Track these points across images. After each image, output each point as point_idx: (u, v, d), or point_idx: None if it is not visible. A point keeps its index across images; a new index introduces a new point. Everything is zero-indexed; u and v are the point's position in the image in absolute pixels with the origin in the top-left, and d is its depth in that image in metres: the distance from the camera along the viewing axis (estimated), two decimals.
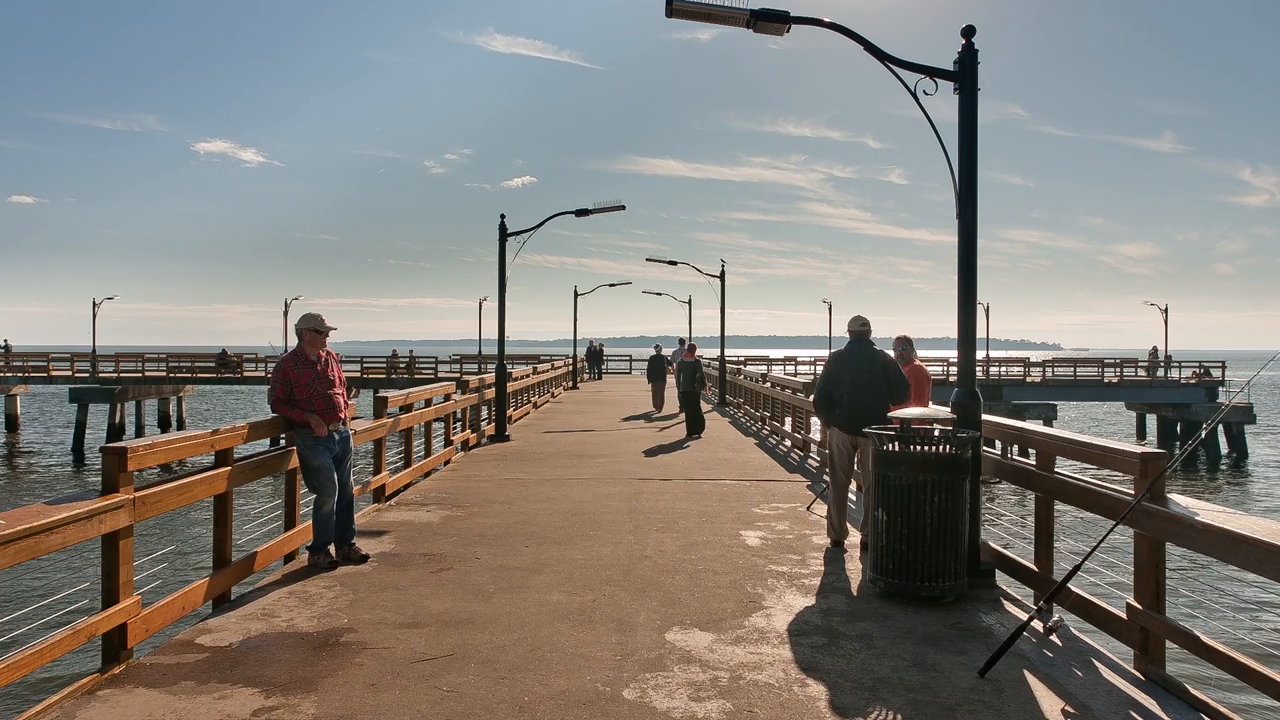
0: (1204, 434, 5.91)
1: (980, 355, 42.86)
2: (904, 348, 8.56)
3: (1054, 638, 5.16)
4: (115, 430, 41.21)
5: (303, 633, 5.22)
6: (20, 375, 45.94)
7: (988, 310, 48.82)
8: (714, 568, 6.77)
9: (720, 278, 28.42)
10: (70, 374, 44.92)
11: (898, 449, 5.87)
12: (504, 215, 16.96)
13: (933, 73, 6.45)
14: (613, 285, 45.61)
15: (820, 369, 7.94)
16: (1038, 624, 5.20)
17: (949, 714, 4.14)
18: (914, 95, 6.47)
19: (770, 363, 52.60)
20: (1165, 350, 47.66)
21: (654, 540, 7.69)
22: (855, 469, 7.69)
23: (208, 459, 5.96)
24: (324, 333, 6.87)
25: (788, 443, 15.31)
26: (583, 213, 18.10)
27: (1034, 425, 6.50)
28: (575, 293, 41.20)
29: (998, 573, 6.38)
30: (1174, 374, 45.04)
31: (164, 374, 45.53)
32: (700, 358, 19.24)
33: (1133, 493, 4.78)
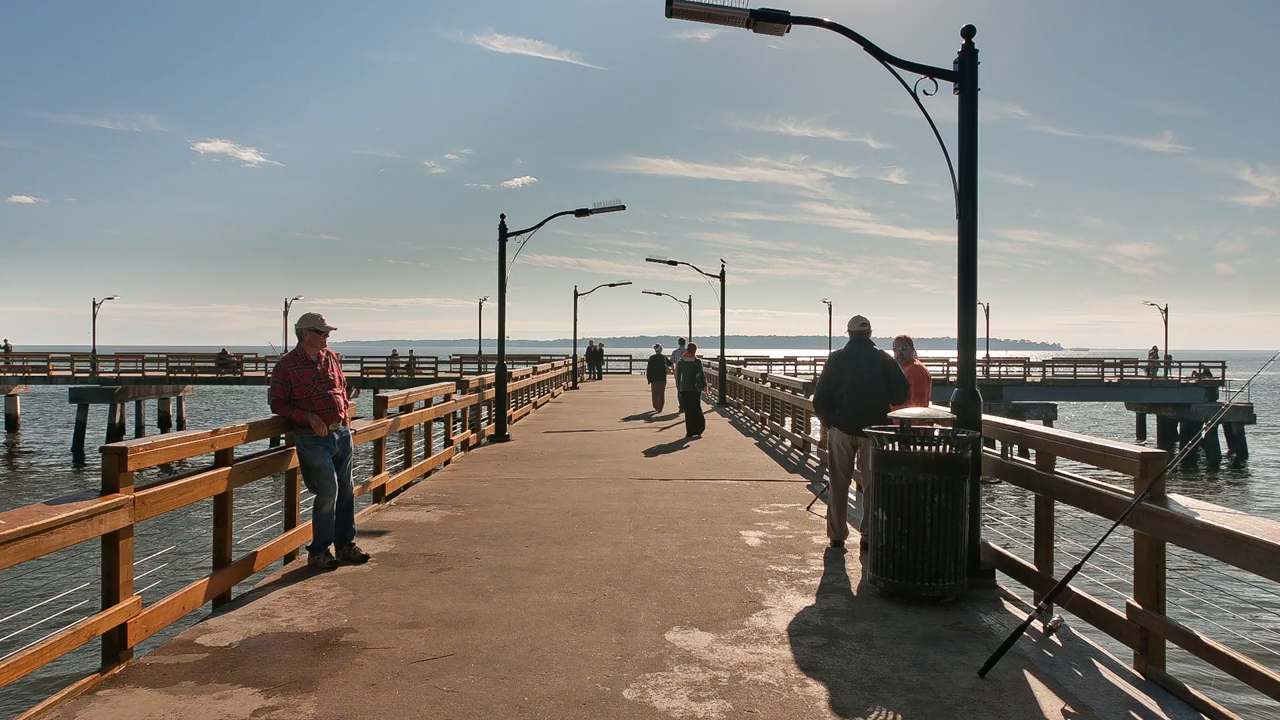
0: (1204, 434, 5.91)
1: (980, 355, 42.87)
2: (904, 348, 8.56)
3: (1054, 638, 5.16)
4: (115, 430, 41.23)
5: (303, 633, 5.22)
6: (20, 375, 45.95)
7: (988, 310, 48.85)
8: (714, 568, 6.77)
9: (720, 278, 28.42)
10: (70, 374, 44.93)
11: (898, 449, 5.87)
12: (504, 215, 16.98)
13: (933, 73, 6.45)
14: (613, 285, 45.65)
15: (820, 369, 7.94)
16: (1038, 624, 5.20)
17: (949, 714, 4.14)
18: (914, 95, 6.47)
19: (770, 363, 52.59)
20: (1165, 350, 47.65)
21: (654, 540, 7.69)
22: (855, 469, 7.70)
23: (208, 459, 5.96)
24: (324, 332, 6.87)
25: (788, 443, 15.31)
26: (583, 213, 18.10)
27: (1034, 425, 6.50)
28: (575, 293, 41.24)
29: (998, 573, 6.38)
30: (1174, 374, 45.04)
31: (164, 374, 45.54)
32: (700, 358, 19.30)
33: (1133, 493, 4.78)
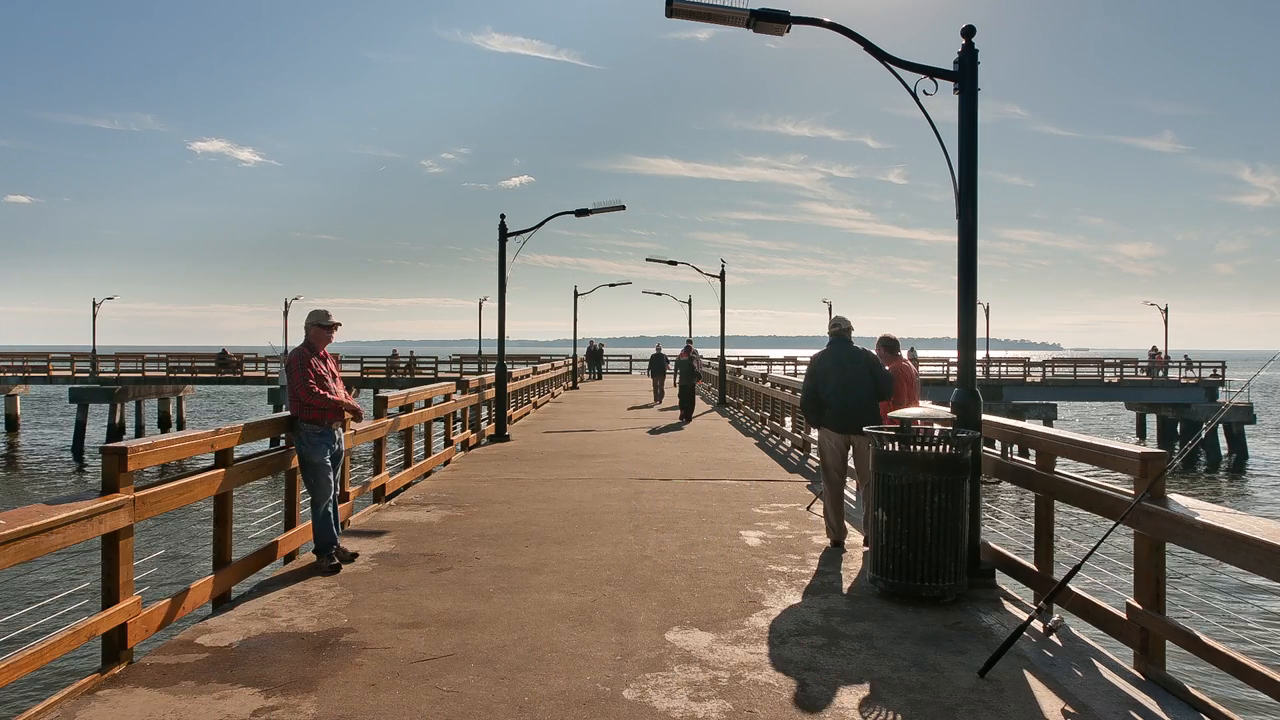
0: (1204, 434, 5.91)
1: (980, 355, 42.87)
2: (884, 347, 8.51)
3: (1054, 638, 5.16)
4: (115, 430, 41.24)
5: (303, 633, 5.22)
6: (20, 375, 45.95)
7: (988, 310, 48.84)
8: (714, 568, 6.77)
9: (720, 278, 28.42)
10: (70, 374, 44.93)
11: (898, 449, 5.87)
12: (504, 215, 16.99)
13: (933, 73, 6.45)
14: (613, 285, 45.66)
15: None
16: (1038, 624, 5.20)
17: (949, 714, 4.14)
18: (914, 95, 6.47)
19: (770, 363, 52.57)
20: (1165, 350, 47.64)
21: (654, 540, 7.69)
22: (850, 467, 7.72)
23: (208, 459, 5.96)
24: (329, 327, 6.88)
25: (788, 443, 15.31)
26: (583, 213, 18.10)
27: (1034, 425, 6.50)
28: (575, 293, 41.25)
29: (998, 573, 6.38)
30: (1173, 374, 45.02)
31: (164, 374, 45.55)
32: (698, 356, 20.06)
33: (1133, 493, 4.78)
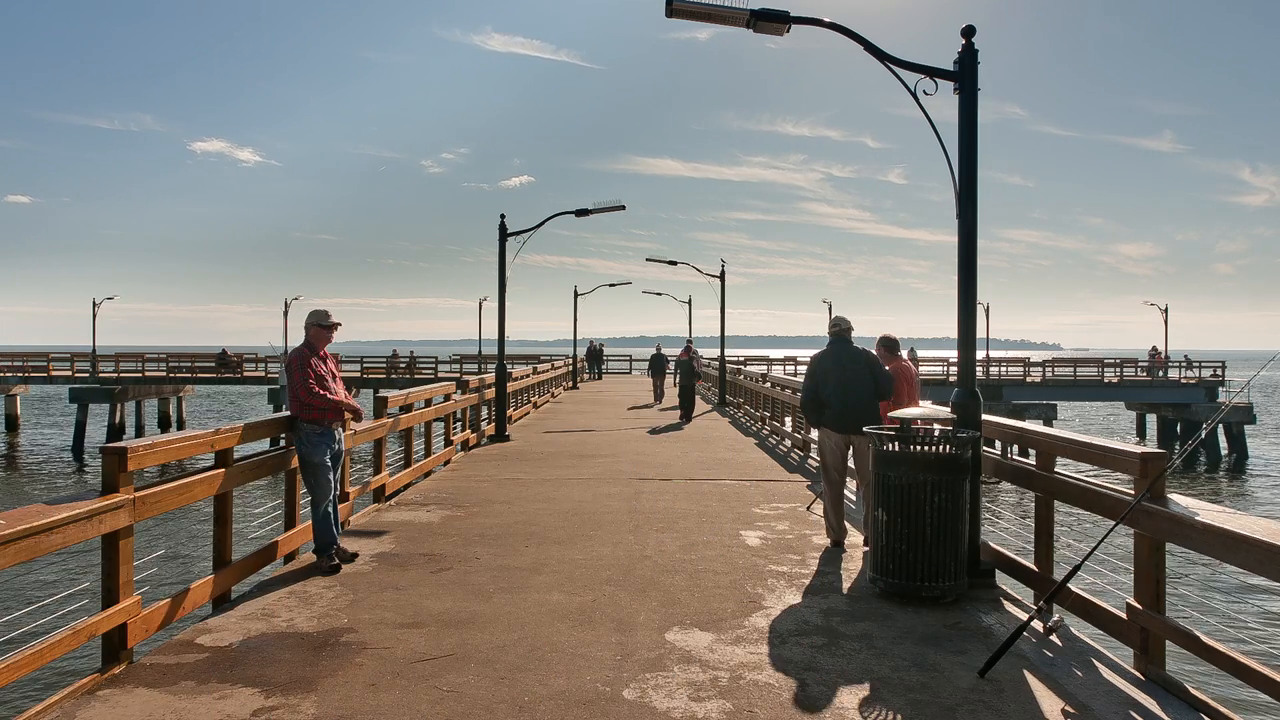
0: (1204, 434, 5.90)
1: (980, 355, 42.87)
2: (885, 346, 8.53)
3: (1054, 638, 5.16)
4: (115, 430, 41.23)
5: (303, 633, 5.22)
6: (20, 375, 45.95)
7: (988, 310, 48.84)
8: (714, 568, 6.77)
9: (720, 278, 28.42)
10: (70, 374, 44.93)
11: (898, 449, 5.87)
12: (504, 215, 16.98)
13: (933, 73, 6.44)
14: (613, 285, 45.66)
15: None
16: (1038, 624, 5.20)
17: (949, 714, 4.14)
18: (914, 95, 6.47)
19: (770, 363, 52.56)
20: (1165, 350, 47.64)
21: (654, 540, 7.69)
22: (850, 467, 7.72)
23: (208, 459, 5.96)
24: (328, 327, 6.88)
25: (788, 443, 15.31)
26: (583, 213, 18.10)
27: (1034, 425, 6.50)
28: (575, 293, 41.25)
29: (998, 573, 6.38)
30: (1173, 374, 45.02)
31: (164, 374, 45.55)
32: (698, 356, 20.46)
33: (1133, 493, 4.78)
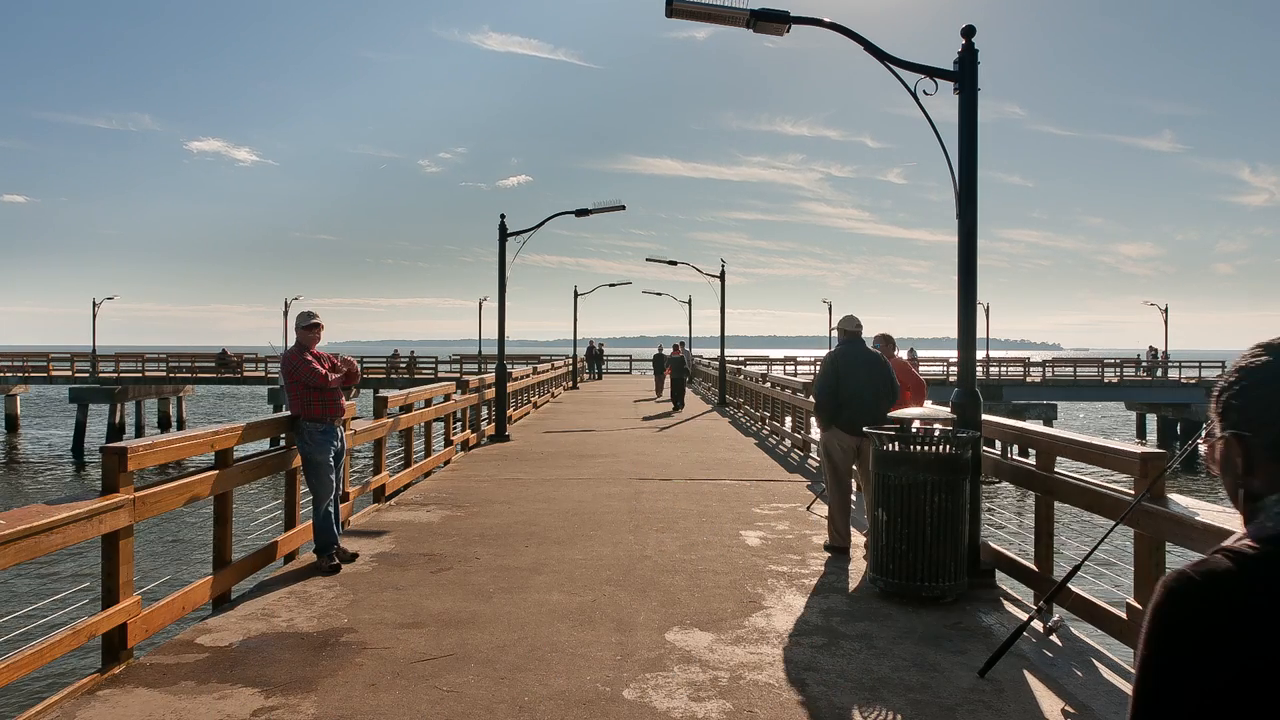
0: (1204, 434, 5.90)
1: (980, 355, 42.81)
2: (885, 342, 8.61)
3: (1054, 638, 5.16)
4: (115, 430, 41.20)
5: (303, 633, 5.22)
6: (20, 375, 45.93)
7: (988, 310, 48.83)
8: (714, 568, 6.77)
9: (720, 278, 28.43)
10: (70, 374, 44.91)
11: (898, 449, 5.87)
12: (504, 215, 16.98)
13: (933, 73, 6.44)
14: (613, 285, 45.67)
15: (818, 370, 7.94)
16: (1038, 624, 5.20)
17: (949, 714, 4.14)
18: (914, 95, 6.47)
19: (770, 363, 52.56)
20: (1165, 350, 47.64)
21: (654, 540, 7.69)
22: (854, 469, 7.69)
23: (208, 459, 5.96)
24: (309, 328, 6.96)
25: (788, 443, 15.31)
26: (583, 213, 18.10)
27: (1034, 425, 6.51)
28: (575, 293, 41.23)
29: (998, 573, 6.38)
30: (1173, 374, 45.03)
31: (164, 374, 45.53)
32: (687, 354, 22.08)
33: (1133, 493, 4.78)
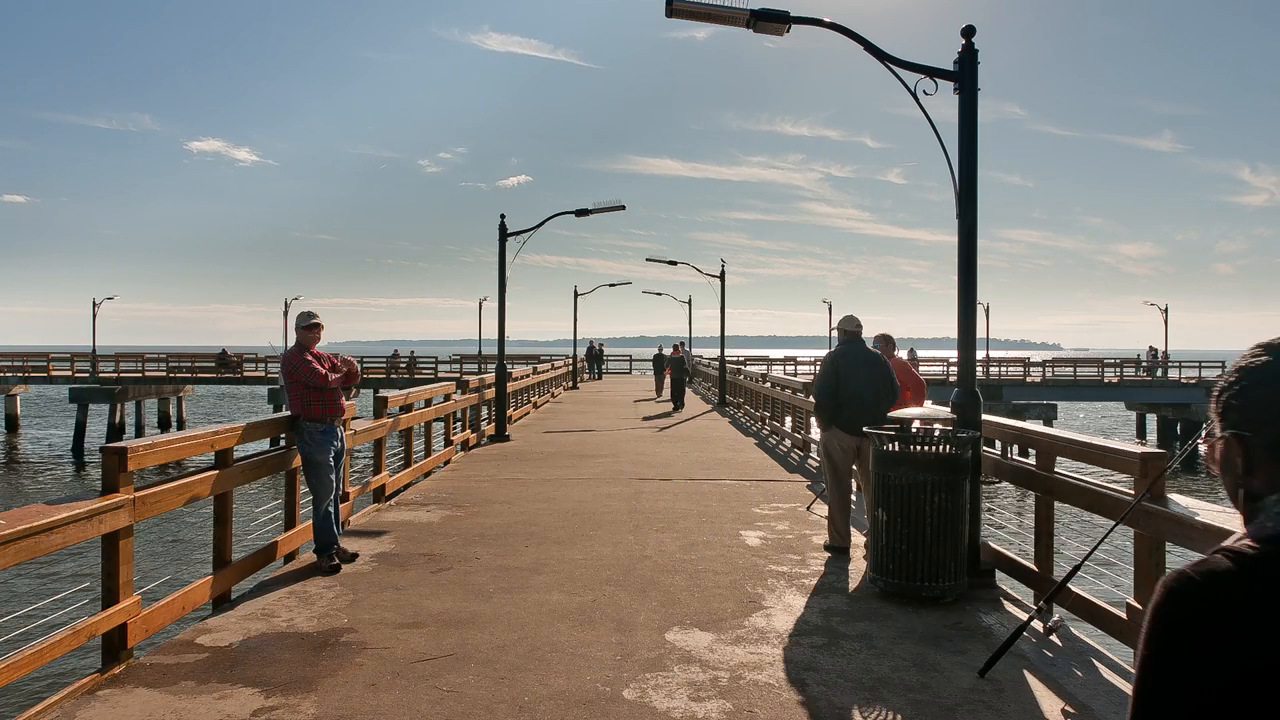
0: (1204, 434, 5.90)
1: (980, 355, 42.82)
2: (882, 345, 8.61)
3: (1054, 638, 5.16)
4: (115, 430, 41.19)
5: (303, 633, 5.22)
6: (20, 375, 45.93)
7: (988, 310, 48.82)
8: (714, 568, 6.77)
9: (720, 278, 28.42)
10: (70, 374, 44.91)
11: (898, 449, 5.86)
12: (504, 215, 16.98)
13: (933, 73, 6.44)
14: (613, 285, 45.67)
15: (818, 370, 7.95)
16: (1038, 624, 5.19)
17: (949, 714, 4.14)
18: (914, 95, 6.47)
19: (770, 363, 52.57)
20: (1165, 350, 47.64)
21: (654, 540, 7.69)
22: (854, 469, 7.68)
23: (208, 459, 5.96)
24: (309, 328, 6.97)
25: (788, 443, 15.31)
26: (583, 213, 18.10)
27: (1034, 425, 6.51)
28: (575, 293, 41.24)
29: (998, 573, 6.38)
30: (1173, 374, 45.03)
31: (164, 374, 45.53)
32: (687, 354, 22.54)
33: (1133, 493, 4.78)
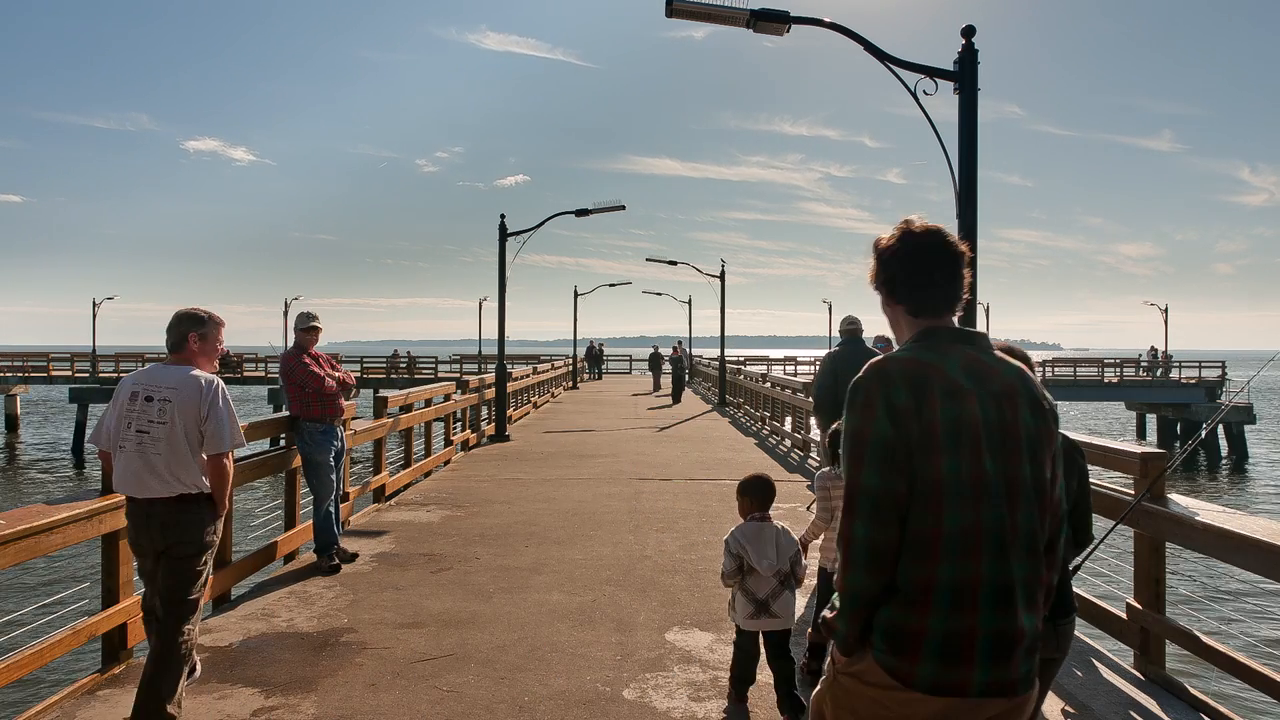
0: (1204, 434, 5.90)
1: None
2: (883, 345, 8.68)
3: None
4: None
5: (303, 633, 5.22)
6: (20, 375, 45.94)
7: (988, 310, 48.81)
8: (714, 568, 6.76)
9: (720, 278, 28.43)
10: (70, 374, 44.93)
11: None
12: (504, 215, 16.99)
13: (933, 73, 6.45)
14: (613, 285, 45.71)
15: (817, 370, 7.95)
16: None
17: None
18: (914, 95, 6.47)
19: (770, 363, 52.58)
20: (1165, 349, 47.64)
21: (654, 540, 7.69)
22: None
23: None
24: (308, 330, 6.97)
25: (788, 443, 15.31)
26: (583, 213, 18.10)
27: None
28: (575, 293, 41.25)
29: None
30: (1173, 374, 45.03)
31: None
32: (686, 354, 23.00)
33: (1133, 493, 4.77)
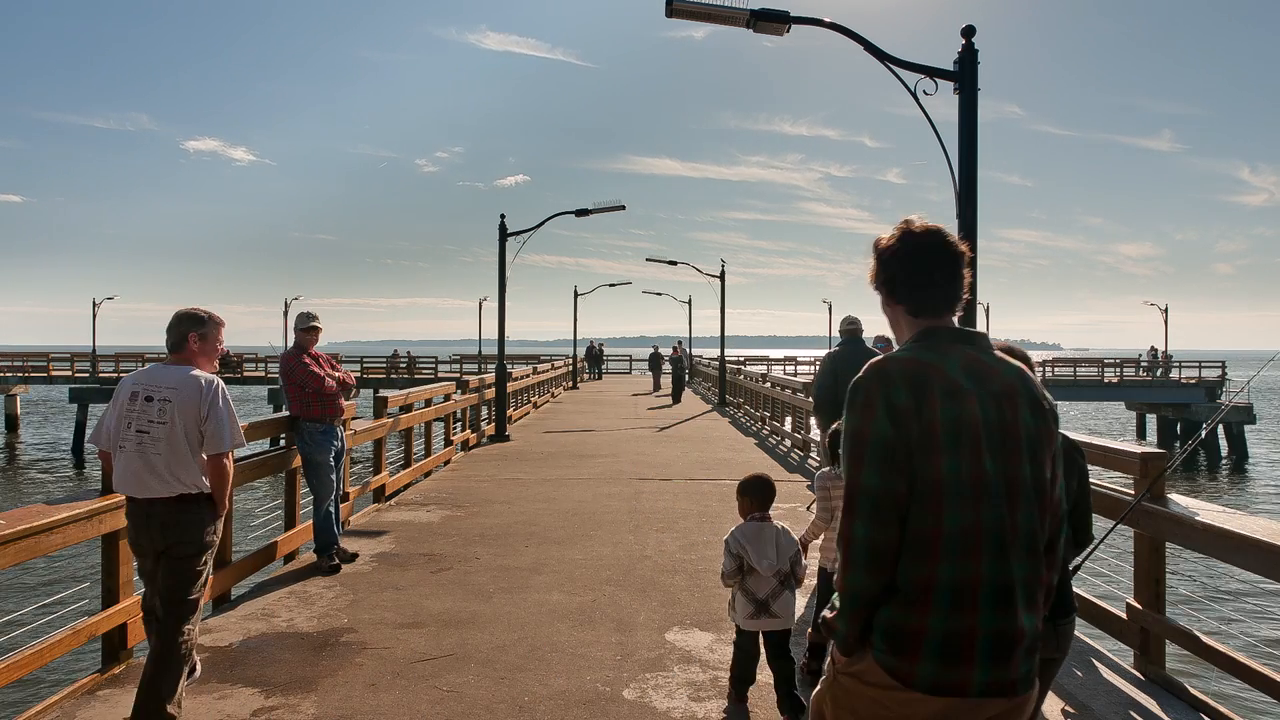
0: (1204, 434, 5.89)
1: None
2: (883, 345, 8.71)
3: None
4: None
5: (303, 633, 5.22)
6: (20, 375, 45.94)
7: (988, 310, 48.80)
8: (714, 568, 6.76)
9: (720, 278, 28.43)
10: (70, 374, 44.92)
11: None
12: (504, 215, 16.99)
13: (933, 73, 6.45)
14: (613, 285, 45.73)
15: (817, 370, 7.96)
16: None
17: None
18: (914, 95, 6.47)
19: (770, 363, 52.59)
20: (1165, 350, 47.64)
21: (654, 540, 7.69)
22: None
23: None
24: (308, 330, 6.97)
25: (788, 443, 15.31)
26: (583, 213, 18.11)
27: None
28: (575, 293, 41.26)
29: None
30: (1173, 374, 45.03)
31: None
32: (686, 354, 23.26)
33: (1133, 493, 4.77)
